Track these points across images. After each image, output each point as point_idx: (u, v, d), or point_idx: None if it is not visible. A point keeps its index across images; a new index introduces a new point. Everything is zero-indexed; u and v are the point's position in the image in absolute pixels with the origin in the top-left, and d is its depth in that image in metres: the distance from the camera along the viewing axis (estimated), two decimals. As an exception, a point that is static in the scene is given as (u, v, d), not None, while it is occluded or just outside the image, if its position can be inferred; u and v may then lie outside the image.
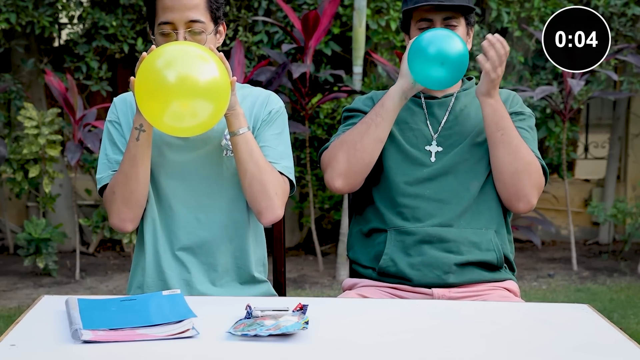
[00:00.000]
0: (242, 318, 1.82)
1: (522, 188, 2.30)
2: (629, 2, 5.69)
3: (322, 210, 5.84)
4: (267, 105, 2.30)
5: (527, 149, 2.31)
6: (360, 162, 2.32)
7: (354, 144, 2.32)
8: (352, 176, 2.34)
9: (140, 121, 2.12)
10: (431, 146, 2.38)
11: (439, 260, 2.29)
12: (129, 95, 2.30)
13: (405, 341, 1.74)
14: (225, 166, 2.26)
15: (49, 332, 1.76)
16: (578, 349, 1.70)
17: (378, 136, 2.32)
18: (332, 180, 2.35)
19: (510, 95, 2.48)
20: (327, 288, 5.15)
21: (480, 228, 2.33)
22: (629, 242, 5.94)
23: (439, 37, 2.28)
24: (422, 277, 2.29)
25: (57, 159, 5.42)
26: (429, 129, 2.40)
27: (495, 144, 2.30)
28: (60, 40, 6.17)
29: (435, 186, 2.34)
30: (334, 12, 5.21)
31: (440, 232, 2.30)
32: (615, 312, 4.61)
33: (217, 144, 2.26)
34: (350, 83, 5.53)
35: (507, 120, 2.31)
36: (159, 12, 2.15)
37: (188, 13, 2.13)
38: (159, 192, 2.28)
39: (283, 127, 2.31)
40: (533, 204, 2.33)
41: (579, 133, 6.48)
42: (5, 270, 5.57)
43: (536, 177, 2.31)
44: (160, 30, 2.15)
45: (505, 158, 2.29)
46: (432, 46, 2.26)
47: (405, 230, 2.32)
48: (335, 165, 2.33)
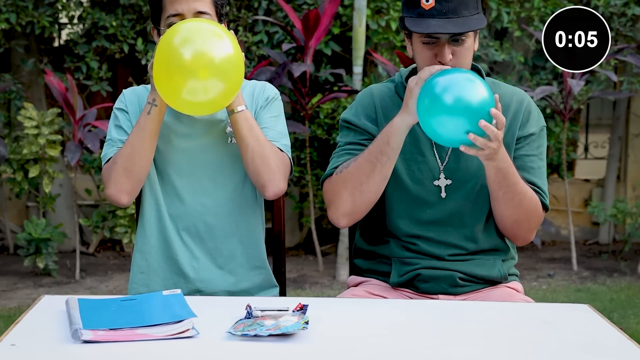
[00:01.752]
0: (242, 318, 1.82)
1: (520, 233, 2.28)
2: (629, 2, 5.69)
3: (322, 210, 5.83)
4: (264, 93, 2.39)
5: (529, 198, 2.21)
6: (366, 201, 2.25)
7: (359, 185, 2.22)
8: (356, 214, 2.28)
9: (154, 96, 2.21)
10: (439, 180, 2.28)
11: (446, 276, 2.27)
12: (139, 87, 2.40)
13: (406, 341, 1.74)
14: (230, 153, 2.33)
15: (49, 332, 1.76)
16: (578, 349, 1.70)
17: (385, 175, 2.22)
18: (337, 220, 2.29)
19: (522, 107, 2.29)
20: (327, 288, 5.15)
21: (487, 260, 2.31)
22: (629, 242, 5.94)
23: (458, 83, 2.04)
24: (429, 288, 2.28)
25: (57, 159, 5.42)
26: (436, 158, 2.29)
27: (497, 200, 2.22)
28: (60, 40, 6.17)
29: (439, 230, 2.29)
30: (334, 11, 5.21)
31: (445, 265, 2.28)
32: (615, 312, 4.61)
33: (221, 131, 2.33)
34: (351, 83, 5.53)
35: (510, 177, 2.16)
36: (167, 6, 2.23)
37: (195, 4, 2.22)
38: (165, 180, 2.34)
39: (279, 111, 2.40)
40: (530, 240, 2.33)
41: (579, 133, 6.48)
42: (5, 270, 5.57)
43: (535, 221, 2.27)
44: (169, 22, 2.22)
45: (506, 212, 2.23)
46: (451, 96, 2.02)
47: (409, 262, 2.29)
48: (340, 205, 2.26)
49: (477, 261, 2.30)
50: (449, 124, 2.02)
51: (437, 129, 2.05)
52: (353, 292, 2.32)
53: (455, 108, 2.02)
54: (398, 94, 2.32)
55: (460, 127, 2.01)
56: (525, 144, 2.29)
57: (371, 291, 2.30)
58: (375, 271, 2.37)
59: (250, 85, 2.40)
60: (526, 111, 2.30)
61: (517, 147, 2.28)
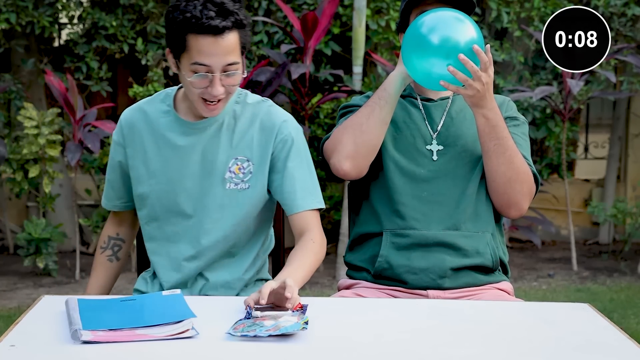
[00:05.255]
0: (241, 318, 1.82)
1: (513, 195, 2.30)
2: (629, 2, 5.69)
3: (322, 210, 5.84)
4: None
5: (520, 158, 2.28)
6: (367, 143, 2.29)
7: (359, 126, 2.29)
8: (359, 158, 2.31)
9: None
10: (432, 145, 2.36)
11: (435, 265, 2.28)
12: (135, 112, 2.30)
13: (406, 341, 1.74)
14: (227, 197, 2.21)
15: (49, 332, 1.76)
16: (578, 349, 1.70)
17: (383, 118, 2.29)
18: (340, 163, 2.32)
19: (505, 101, 2.43)
20: (327, 288, 5.15)
21: (477, 231, 2.33)
22: (629, 242, 5.94)
23: (445, 22, 2.12)
24: (417, 281, 2.29)
25: (57, 159, 5.42)
26: (428, 129, 2.37)
27: (489, 154, 2.27)
28: (60, 40, 6.17)
29: (432, 188, 2.33)
30: (333, 12, 5.21)
31: (436, 235, 2.30)
32: (615, 312, 4.61)
33: (221, 176, 2.21)
34: (350, 83, 5.53)
35: (501, 130, 2.24)
36: (194, 53, 2.05)
37: (226, 57, 2.06)
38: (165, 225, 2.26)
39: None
40: (524, 211, 2.34)
41: (579, 133, 6.48)
42: (5, 270, 5.57)
43: (528, 185, 2.30)
44: (194, 69, 2.07)
45: (499, 167, 2.26)
46: (435, 34, 2.12)
47: (400, 233, 2.31)
48: (342, 148, 2.31)
49: (465, 233, 2.31)
50: (428, 59, 2.12)
51: (416, 64, 2.14)
52: (342, 294, 2.34)
53: (432, 41, 2.11)
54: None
55: (438, 61, 2.10)
56: (512, 125, 2.37)
57: (361, 294, 2.31)
58: (366, 262, 2.37)
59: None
60: (509, 105, 2.43)
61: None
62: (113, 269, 2.40)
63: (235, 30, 2.06)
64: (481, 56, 2.12)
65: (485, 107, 2.21)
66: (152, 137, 2.23)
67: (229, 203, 2.21)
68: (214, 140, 2.20)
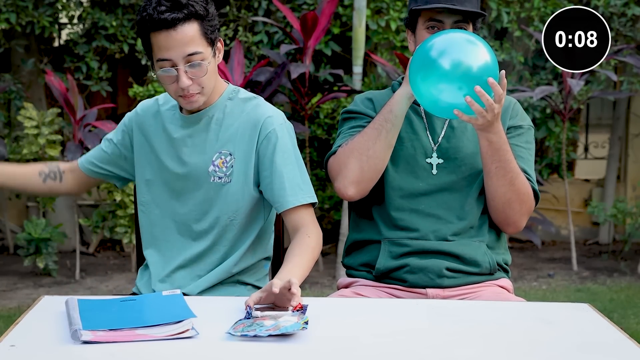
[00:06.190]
0: (241, 318, 1.82)
1: (512, 215, 2.30)
2: (629, 2, 5.69)
3: (322, 211, 5.83)
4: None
5: (521, 179, 2.26)
6: (373, 168, 2.28)
7: (365, 151, 2.26)
8: (364, 183, 2.30)
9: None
10: (432, 158, 2.34)
11: (433, 265, 2.29)
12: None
13: (405, 341, 1.74)
14: (212, 190, 2.23)
15: (49, 332, 1.76)
16: (578, 349, 1.70)
17: (389, 142, 2.27)
18: (345, 189, 2.30)
19: (511, 104, 2.38)
20: (327, 288, 5.15)
21: (474, 241, 2.33)
22: (629, 242, 5.94)
23: (459, 47, 2.05)
24: (416, 280, 2.30)
25: (57, 159, 5.42)
26: (429, 140, 2.35)
27: (490, 174, 2.25)
28: (60, 40, 6.17)
29: (431, 201, 2.32)
30: (332, 12, 5.21)
31: (433, 245, 2.30)
32: (615, 312, 4.61)
33: (205, 169, 2.23)
34: (350, 83, 5.53)
35: (504, 153, 2.21)
36: (156, 50, 2.11)
37: (185, 48, 2.08)
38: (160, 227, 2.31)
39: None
40: (521, 228, 2.35)
41: (579, 133, 6.48)
42: (5, 270, 5.57)
43: (528, 205, 2.29)
44: (160, 65, 2.12)
45: (499, 189, 2.26)
46: (446, 59, 2.04)
47: (399, 242, 2.32)
48: (347, 173, 2.29)
49: (462, 242, 2.31)
50: (437, 85, 2.05)
51: (423, 89, 2.08)
52: (342, 294, 2.34)
53: (443, 67, 2.04)
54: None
55: (450, 89, 2.04)
56: (515, 135, 2.35)
57: (360, 292, 2.31)
58: (364, 264, 2.37)
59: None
60: (515, 108, 2.38)
61: (507, 137, 2.30)
62: (31, 180, 2.38)
63: (192, 20, 2.09)
64: (495, 89, 2.08)
65: (491, 131, 2.18)
66: (159, 128, 2.30)
67: (214, 196, 2.23)
68: (202, 134, 2.25)
